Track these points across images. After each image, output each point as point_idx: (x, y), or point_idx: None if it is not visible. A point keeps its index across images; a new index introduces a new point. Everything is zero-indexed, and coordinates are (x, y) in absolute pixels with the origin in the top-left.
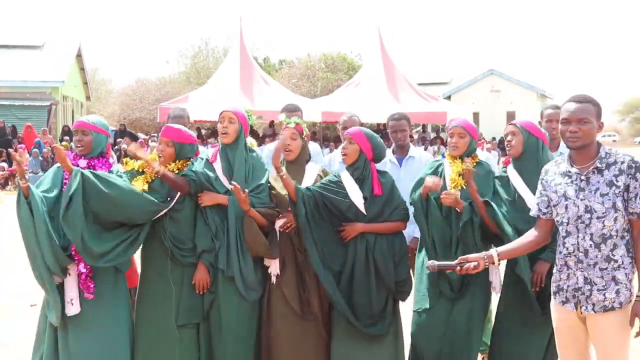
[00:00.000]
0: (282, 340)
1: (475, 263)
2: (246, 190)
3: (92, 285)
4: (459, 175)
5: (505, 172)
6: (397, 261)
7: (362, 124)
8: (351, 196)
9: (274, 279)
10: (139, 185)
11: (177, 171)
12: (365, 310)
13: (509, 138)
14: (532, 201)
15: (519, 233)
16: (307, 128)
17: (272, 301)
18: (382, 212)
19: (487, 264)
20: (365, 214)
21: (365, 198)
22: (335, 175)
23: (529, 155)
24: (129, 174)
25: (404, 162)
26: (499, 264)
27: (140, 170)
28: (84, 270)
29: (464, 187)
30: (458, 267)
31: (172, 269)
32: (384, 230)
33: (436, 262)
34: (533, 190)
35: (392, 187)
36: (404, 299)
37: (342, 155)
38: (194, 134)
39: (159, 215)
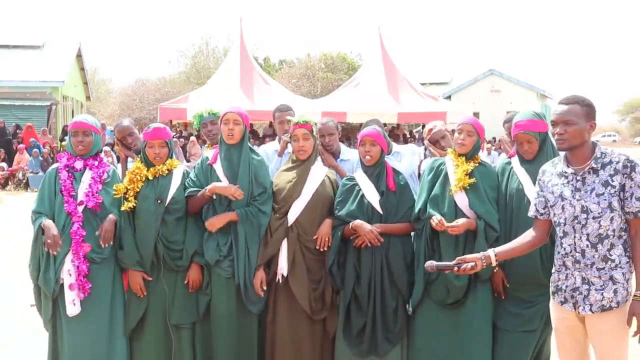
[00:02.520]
0: (287, 341)
1: (473, 263)
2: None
3: (88, 286)
4: (466, 175)
5: (509, 164)
6: (408, 263)
7: (360, 124)
8: (367, 196)
9: (279, 278)
10: (124, 207)
11: (167, 172)
12: (376, 326)
13: (525, 147)
14: None
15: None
16: (315, 125)
17: (278, 301)
18: (397, 211)
19: (484, 264)
20: (381, 212)
21: (382, 192)
22: (348, 180)
23: (542, 154)
24: (116, 199)
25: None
26: (497, 265)
27: (124, 194)
28: (83, 269)
29: (469, 187)
30: (456, 268)
31: (165, 271)
32: (395, 231)
33: (435, 263)
34: None
35: (406, 185)
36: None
37: (366, 157)
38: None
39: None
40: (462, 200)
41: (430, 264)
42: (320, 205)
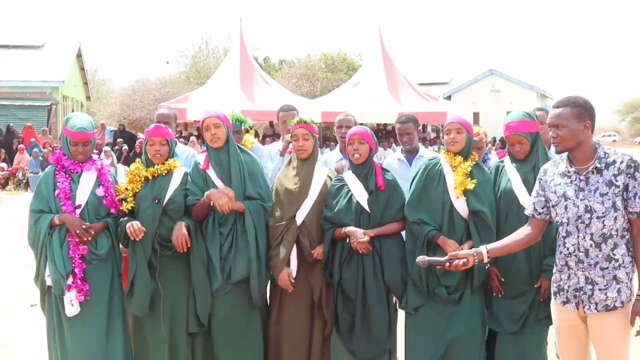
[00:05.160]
0: (296, 340)
1: (465, 260)
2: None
3: (85, 288)
4: (466, 177)
5: (502, 163)
6: (401, 261)
7: (361, 124)
8: (355, 195)
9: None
10: (123, 207)
11: (167, 172)
12: (370, 332)
13: (517, 148)
14: (527, 201)
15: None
16: (316, 126)
17: (284, 301)
18: (385, 210)
19: (476, 261)
20: (369, 211)
21: (370, 192)
22: (337, 180)
23: (533, 154)
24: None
25: (414, 161)
26: (489, 261)
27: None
28: (80, 271)
29: (469, 189)
30: (447, 264)
31: (161, 273)
32: (389, 232)
33: (426, 258)
34: (529, 189)
35: (395, 184)
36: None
37: (354, 156)
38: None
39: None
40: (461, 207)
41: (422, 258)
42: (323, 205)
